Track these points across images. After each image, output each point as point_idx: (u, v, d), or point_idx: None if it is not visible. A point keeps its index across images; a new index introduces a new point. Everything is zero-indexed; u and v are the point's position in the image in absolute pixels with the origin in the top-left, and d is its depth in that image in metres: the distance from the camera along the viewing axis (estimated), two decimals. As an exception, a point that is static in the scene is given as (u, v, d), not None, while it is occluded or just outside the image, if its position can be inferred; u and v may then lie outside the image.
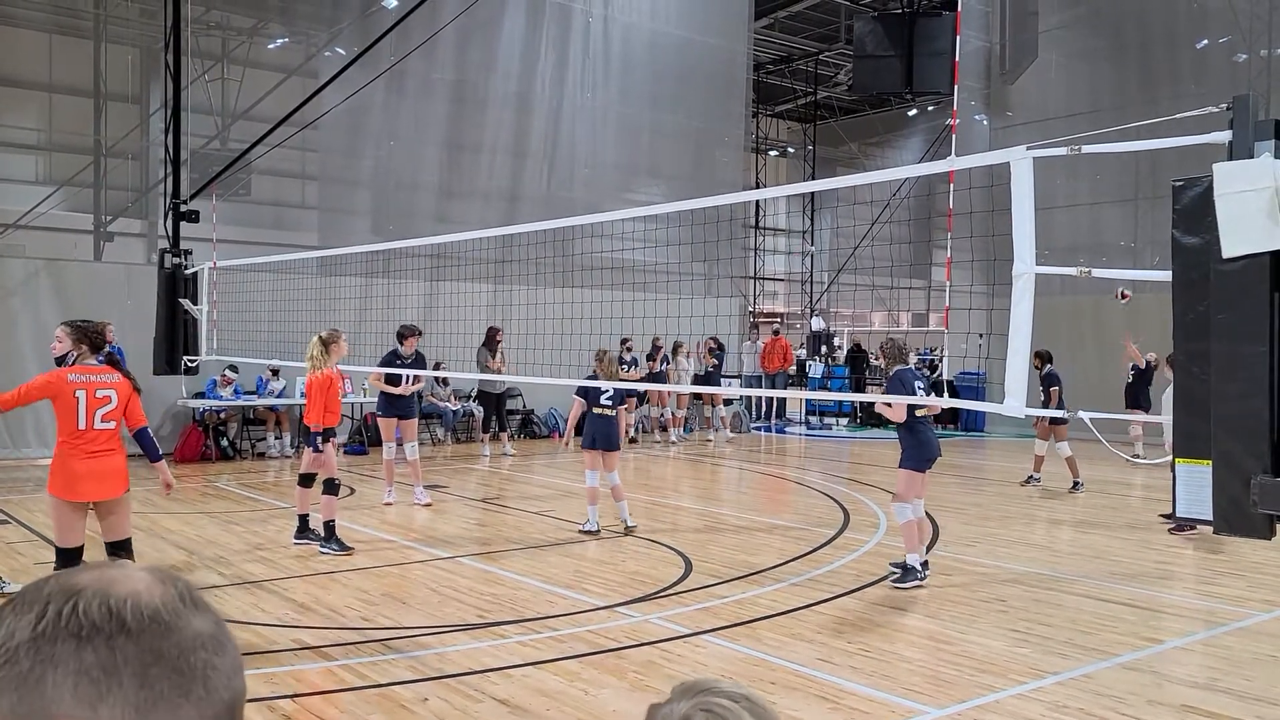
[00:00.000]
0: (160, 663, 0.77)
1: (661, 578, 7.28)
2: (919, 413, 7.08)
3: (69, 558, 5.50)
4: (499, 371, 13.84)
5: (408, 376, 10.30)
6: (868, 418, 20.41)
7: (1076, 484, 11.69)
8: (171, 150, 13.98)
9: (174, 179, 13.90)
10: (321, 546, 7.97)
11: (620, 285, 15.11)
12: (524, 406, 17.22)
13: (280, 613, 6.27)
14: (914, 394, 7.05)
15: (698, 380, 17.13)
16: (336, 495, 8.16)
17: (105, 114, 15.12)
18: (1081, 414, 4.56)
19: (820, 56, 25.29)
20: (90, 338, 5.63)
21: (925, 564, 7.24)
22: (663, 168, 19.66)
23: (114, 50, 15.29)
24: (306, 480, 8.32)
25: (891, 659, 5.49)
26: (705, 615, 6.33)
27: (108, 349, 6.06)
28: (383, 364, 10.24)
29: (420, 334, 10.63)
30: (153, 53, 15.18)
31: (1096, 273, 4.28)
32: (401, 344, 10.40)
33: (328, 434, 8.10)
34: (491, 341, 14.08)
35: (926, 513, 10.09)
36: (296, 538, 8.28)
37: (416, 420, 10.86)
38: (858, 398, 19.96)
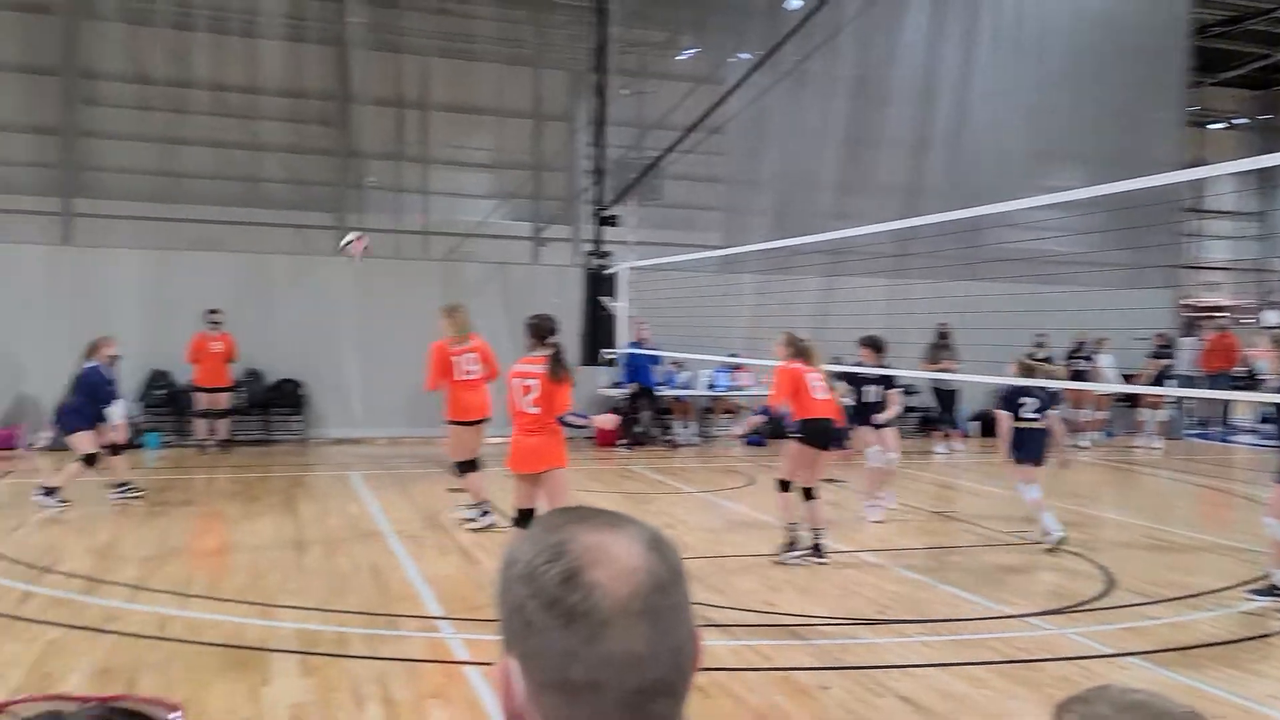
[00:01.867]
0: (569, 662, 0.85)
1: (1079, 591, 6.76)
2: None
3: (519, 517, 6.33)
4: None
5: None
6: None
7: None
8: (595, 162, 15.35)
9: (597, 188, 15.25)
10: (795, 558, 7.35)
11: (1030, 277, 14.22)
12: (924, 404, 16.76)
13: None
14: None
15: (1137, 381, 15.66)
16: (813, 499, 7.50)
17: (541, 132, 16.92)
18: None
19: (1278, 14, 21.93)
20: (532, 330, 6.38)
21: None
22: (1081, 151, 18.16)
23: (549, 75, 17.05)
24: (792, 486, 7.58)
25: (1373, 709, 4.66)
26: (1130, 635, 5.78)
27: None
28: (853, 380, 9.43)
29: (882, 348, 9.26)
30: (578, 73, 16.71)
31: None
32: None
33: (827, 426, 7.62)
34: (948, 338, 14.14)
35: None
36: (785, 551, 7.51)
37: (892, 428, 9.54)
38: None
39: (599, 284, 13.98)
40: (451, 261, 15.68)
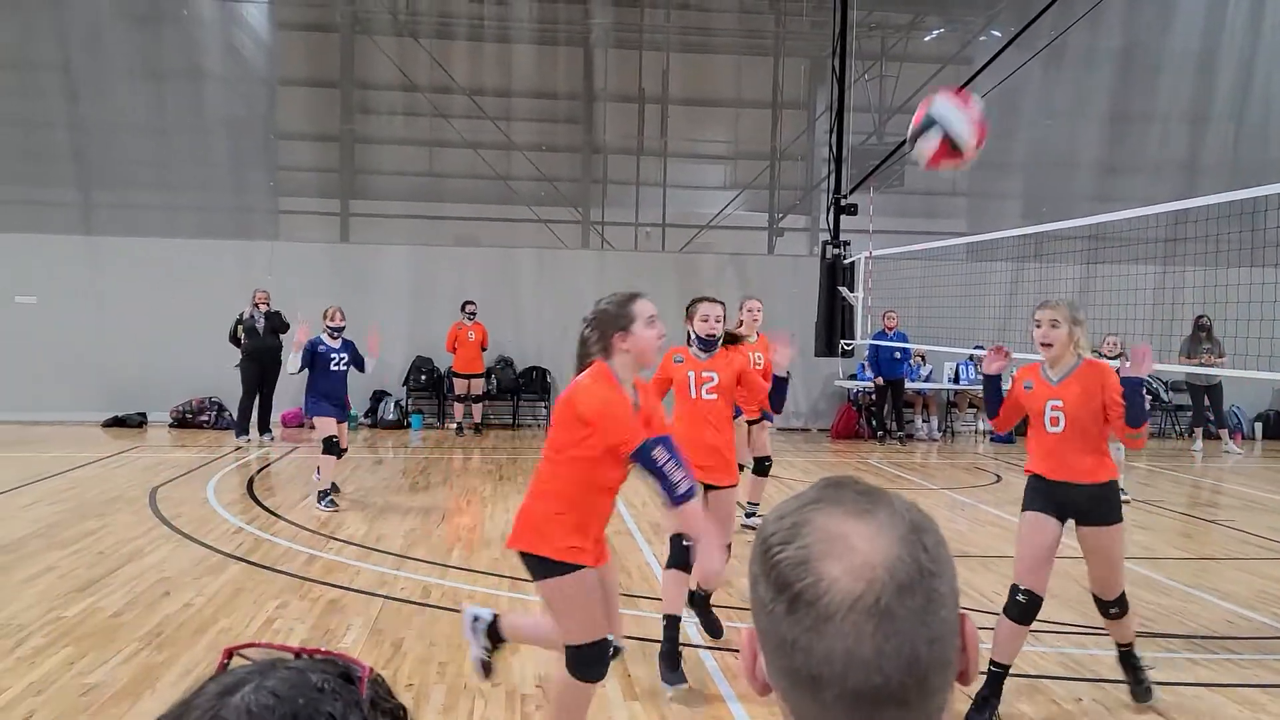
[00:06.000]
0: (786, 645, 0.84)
1: (1382, 615, 6.00)
2: None
3: None
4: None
5: None
6: None
7: None
8: (834, 149, 15.08)
9: (836, 176, 14.98)
10: None
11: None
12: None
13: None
14: None
15: None
16: None
17: (780, 122, 16.82)
18: None
19: None
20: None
21: None
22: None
23: (789, 63, 16.93)
24: None
25: None
26: None
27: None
28: None
29: None
30: (819, 60, 16.48)
31: None
32: None
33: None
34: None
35: None
36: None
37: None
38: None
39: (836, 274, 13.74)
40: (688, 254, 15.92)
